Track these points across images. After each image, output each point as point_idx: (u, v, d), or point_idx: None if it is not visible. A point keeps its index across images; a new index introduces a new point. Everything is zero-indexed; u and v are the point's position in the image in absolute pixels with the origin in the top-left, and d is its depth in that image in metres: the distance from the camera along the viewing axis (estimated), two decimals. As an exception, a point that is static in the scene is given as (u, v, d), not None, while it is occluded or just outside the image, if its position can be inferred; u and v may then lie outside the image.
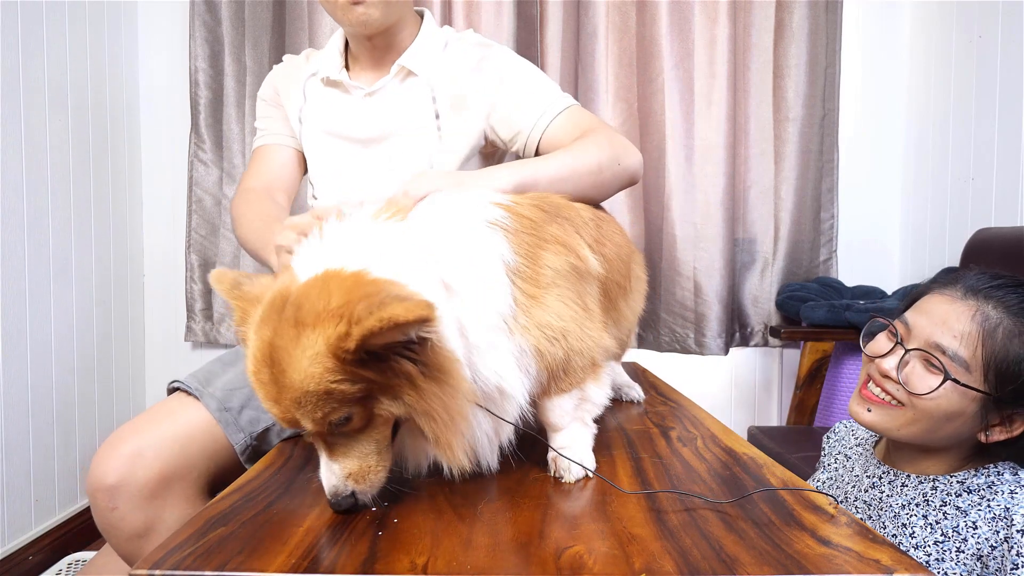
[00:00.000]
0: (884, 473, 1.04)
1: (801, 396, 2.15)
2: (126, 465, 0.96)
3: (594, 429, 0.92)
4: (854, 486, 1.09)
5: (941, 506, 0.93)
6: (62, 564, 2.08)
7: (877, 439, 1.12)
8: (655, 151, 2.42)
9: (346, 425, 0.72)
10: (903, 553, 0.63)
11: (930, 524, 0.93)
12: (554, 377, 0.83)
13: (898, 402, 0.96)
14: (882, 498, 1.02)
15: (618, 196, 2.42)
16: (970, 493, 0.92)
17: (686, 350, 2.43)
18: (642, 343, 2.50)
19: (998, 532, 0.87)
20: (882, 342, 1.00)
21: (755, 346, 2.48)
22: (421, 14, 1.38)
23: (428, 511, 0.74)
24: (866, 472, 1.08)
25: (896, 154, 2.52)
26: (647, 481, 0.83)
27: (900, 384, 0.94)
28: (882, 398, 0.97)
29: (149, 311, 2.60)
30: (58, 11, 2.11)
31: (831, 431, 1.24)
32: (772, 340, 2.44)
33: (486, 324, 0.76)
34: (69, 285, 2.18)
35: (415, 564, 0.62)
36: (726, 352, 2.42)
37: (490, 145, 1.33)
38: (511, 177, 1.03)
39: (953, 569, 0.89)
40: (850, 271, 2.47)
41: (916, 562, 0.61)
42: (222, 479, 1.04)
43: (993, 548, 0.87)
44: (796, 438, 1.91)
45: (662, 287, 2.45)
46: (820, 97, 2.41)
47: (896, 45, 2.50)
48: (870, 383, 1.00)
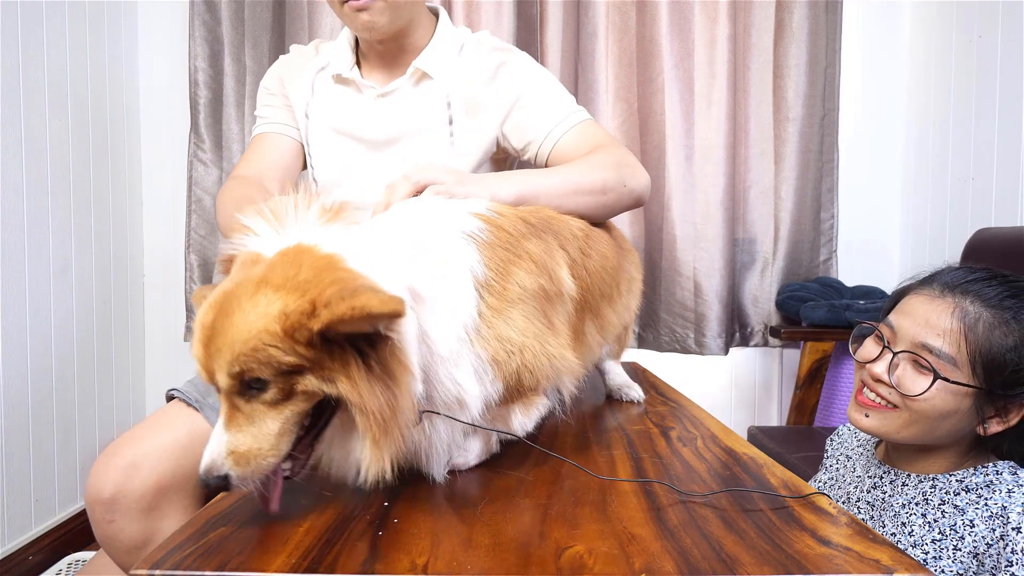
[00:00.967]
0: (885, 473, 1.04)
1: (801, 396, 2.15)
2: (122, 477, 0.95)
3: (495, 450, 0.91)
4: (856, 487, 1.09)
5: (940, 505, 0.94)
6: (62, 564, 2.08)
7: (878, 440, 1.12)
8: (655, 151, 2.42)
9: (259, 394, 0.69)
10: (903, 553, 0.63)
11: (928, 523, 0.93)
12: (507, 383, 0.84)
13: (893, 405, 0.96)
14: (884, 498, 1.02)
15: (618, 196, 2.42)
16: (968, 492, 0.93)
17: (686, 350, 2.43)
18: (642, 343, 2.50)
19: (994, 530, 0.88)
20: (870, 347, 1.01)
21: (755, 346, 2.48)
22: (436, 12, 1.35)
23: (428, 511, 0.74)
24: (867, 473, 1.08)
25: (896, 154, 2.52)
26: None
27: (893, 387, 0.95)
28: (877, 402, 0.98)
29: (149, 311, 2.60)
30: (58, 11, 2.11)
31: (835, 434, 1.25)
32: (772, 340, 2.44)
33: (450, 334, 0.76)
34: (69, 285, 2.18)
35: (415, 564, 0.61)
36: (726, 352, 2.42)
37: (502, 151, 1.32)
38: (513, 188, 1.03)
39: (950, 567, 0.89)
40: (850, 271, 2.47)
41: (916, 562, 0.61)
42: (219, 490, 1.03)
43: (989, 546, 0.88)
44: (796, 438, 1.91)
45: (662, 287, 2.45)
46: (820, 97, 2.42)
47: (896, 45, 2.50)
48: (865, 389, 1.00)
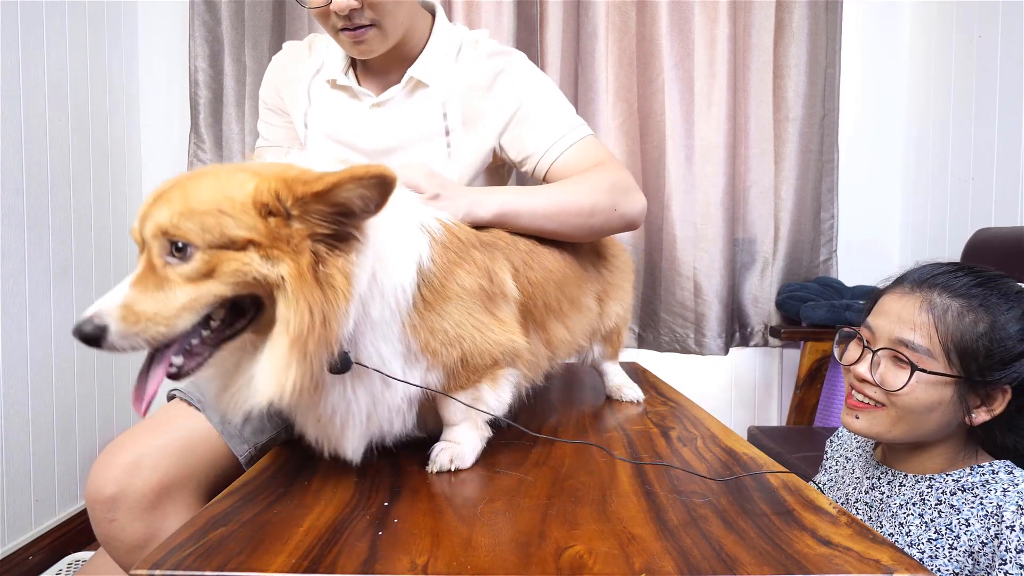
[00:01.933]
0: (883, 474, 1.05)
1: (801, 396, 2.15)
2: (124, 476, 0.94)
3: (486, 433, 0.94)
4: (855, 488, 1.09)
5: (936, 504, 0.95)
6: (62, 564, 2.08)
7: (876, 441, 1.12)
8: (655, 151, 2.42)
9: (180, 263, 0.67)
10: (903, 553, 0.63)
11: (925, 522, 0.94)
12: (452, 375, 0.87)
13: (880, 404, 0.98)
14: (883, 499, 1.02)
15: (618, 196, 2.42)
16: (965, 491, 0.94)
17: (686, 350, 2.43)
18: (642, 343, 2.50)
19: (989, 529, 0.89)
20: (853, 350, 1.04)
21: (755, 346, 2.48)
22: (432, 10, 1.31)
23: (428, 511, 0.74)
24: (866, 474, 1.08)
25: (896, 154, 2.52)
26: (647, 480, 0.83)
27: (877, 385, 0.98)
28: (865, 403, 1.00)
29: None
30: (58, 11, 2.11)
31: (834, 435, 1.25)
32: (772, 340, 2.44)
33: (386, 302, 0.79)
34: (69, 285, 2.18)
35: (415, 564, 0.62)
36: (726, 352, 2.42)
37: (498, 159, 1.30)
38: (494, 204, 1.02)
39: (946, 566, 0.90)
40: (850, 271, 2.47)
41: (916, 562, 0.61)
42: (222, 488, 1.02)
43: (984, 544, 0.88)
44: (796, 438, 1.91)
45: (662, 287, 2.45)
46: (820, 97, 2.42)
47: (896, 45, 2.50)
48: (853, 391, 1.03)
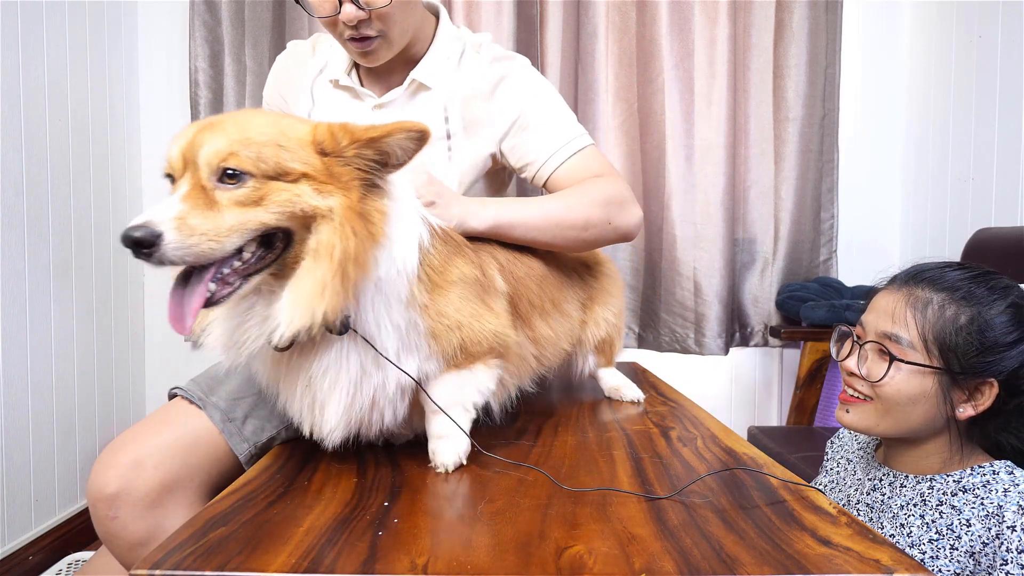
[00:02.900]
0: (884, 475, 1.05)
1: (801, 396, 2.15)
2: (126, 474, 0.95)
3: (473, 415, 0.95)
4: (856, 489, 1.09)
5: (937, 505, 0.95)
6: (62, 564, 2.08)
7: (878, 442, 1.13)
8: (655, 151, 2.42)
9: (232, 189, 0.70)
10: (903, 553, 0.63)
11: (926, 523, 0.94)
12: (448, 359, 0.89)
13: (867, 397, 1.01)
14: (884, 500, 1.02)
15: (618, 196, 2.42)
16: (965, 492, 0.94)
17: (686, 350, 2.43)
18: (642, 343, 2.50)
19: (990, 529, 0.89)
20: (847, 347, 1.06)
21: (755, 346, 2.48)
22: (436, 12, 1.31)
23: (428, 511, 0.74)
24: (867, 475, 1.09)
25: (896, 154, 2.52)
26: (647, 481, 0.83)
27: (864, 379, 1.00)
28: (855, 397, 1.03)
29: (149, 311, 2.60)
30: (58, 11, 2.11)
31: (835, 436, 1.26)
32: (772, 340, 2.44)
33: (394, 264, 0.81)
34: (69, 285, 2.18)
35: (415, 564, 0.62)
36: (726, 352, 2.42)
37: (498, 164, 1.30)
38: (489, 216, 1.04)
39: (947, 566, 0.90)
40: (850, 271, 2.47)
41: (916, 562, 0.61)
42: (224, 487, 1.03)
43: (985, 545, 0.88)
44: (796, 438, 1.91)
45: (662, 287, 2.45)
46: (820, 97, 2.42)
47: (896, 45, 2.50)
48: (846, 387, 1.05)
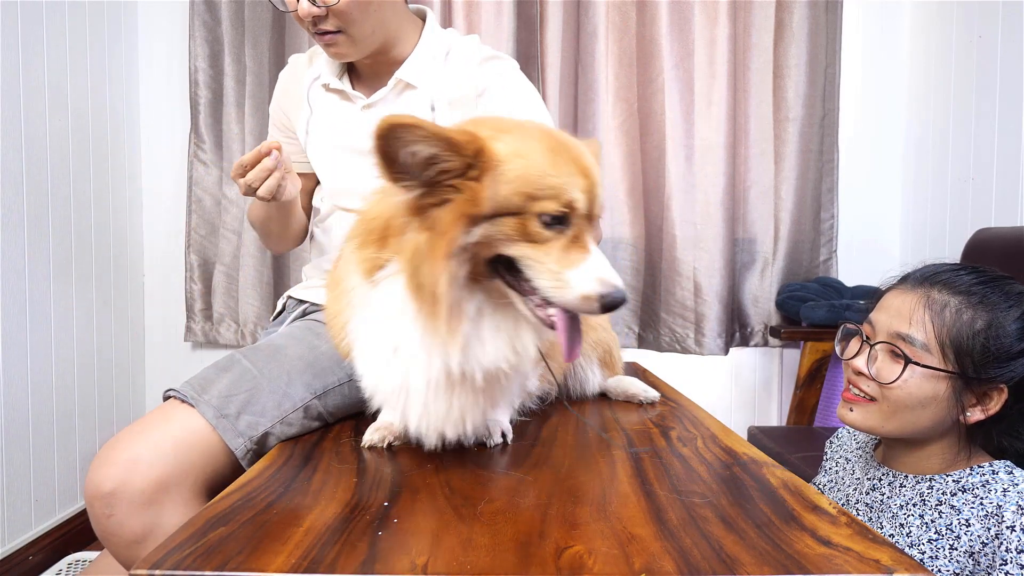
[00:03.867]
0: (884, 475, 1.05)
1: (801, 396, 2.15)
2: (122, 472, 0.95)
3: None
4: (855, 489, 1.09)
5: (937, 505, 0.95)
6: (62, 564, 2.08)
7: (877, 442, 1.13)
8: (655, 151, 2.42)
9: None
10: (903, 553, 0.63)
11: (926, 523, 0.94)
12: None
13: (873, 398, 0.99)
14: (883, 500, 1.02)
15: (618, 196, 2.42)
16: (965, 492, 0.93)
17: (686, 350, 2.43)
18: (642, 343, 2.50)
19: (989, 529, 0.88)
20: (854, 345, 1.05)
21: (755, 346, 2.48)
22: (423, 15, 1.35)
23: (428, 511, 0.74)
24: (867, 475, 1.08)
25: (896, 154, 2.52)
26: (647, 481, 0.83)
27: (872, 379, 0.99)
28: (860, 396, 1.01)
29: (149, 311, 2.60)
30: (58, 11, 2.11)
31: (834, 436, 1.25)
32: (772, 340, 2.44)
33: None
34: (69, 285, 2.18)
35: (415, 564, 0.61)
36: (726, 352, 2.42)
37: None
38: None
39: (946, 566, 0.90)
40: (850, 271, 2.47)
41: (916, 562, 0.61)
42: (221, 484, 1.03)
43: (984, 545, 0.88)
44: (796, 438, 1.91)
45: (662, 287, 2.45)
46: (820, 97, 2.42)
47: (896, 45, 2.50)
48: (850, 386, 1.04)
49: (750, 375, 2.58)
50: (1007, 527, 0.87)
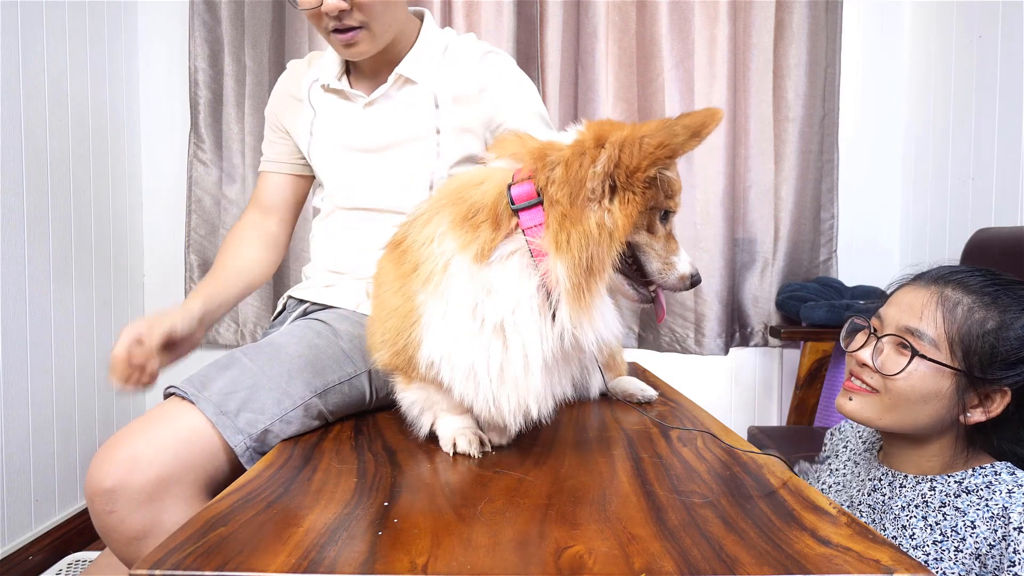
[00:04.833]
0: (883, 475, 1.05)
1: (801, 396, 2.15)
2: (123, 469, 0.96)
3: None
4: (859, 490, 1.09)
5: (940, 507, 0.94)
6: (62, 564, 2.08)
7: (880, 444, 1.12)
8: (655, 151, 2.41)
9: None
10: (903, 553, 0.63)
11: (929, 525, 0.93)
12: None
13: (874, 389, 0.99)
14: (884, 501, 1.02)
15: (618, 196, 2.42)
16: (969, 493, 0.93)
17: (686, 350, 2.43)
18: (642, 343, 2.50)
19: (996, 531, 0.88)
20: (860, 338, 1.05)
21: (755, 346, 2.48)
22: (421, 16, 1.36)
23: (428, 511, 0.74)
24: (868, 475, 1.08)
25: (896, 154, 2.52)
26: (647, 481, 0.83)
27: (876, 371, 0.99)
28: (861, 387, 1.01)
29: (149, 311, 2.60)
30: (58, 11, 2.11)
31: (835, 429, 1.25)
32: (772, 340, 2.44)
33: None
34: (69, 285, 2.18)
35: (415, 564, 0.61)
36: (726, 352, 2.42)
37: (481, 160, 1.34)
38: None
39: (952, 568, 0.89)
40: (850, 271, 2.47)
41: (916, 562, 0.61)
42: (221, 481, 1.03)
43: (991, 547, 0.88)
44: (796, 438, 1.91)
45: (662, 287, 2.44)
46: (820, 97, 2.42)
47: (896, 45, 2.50)
48: (852, 377, 1.04)
49: (750, 375, 2.58)
50: (1014, 528, 0.87)
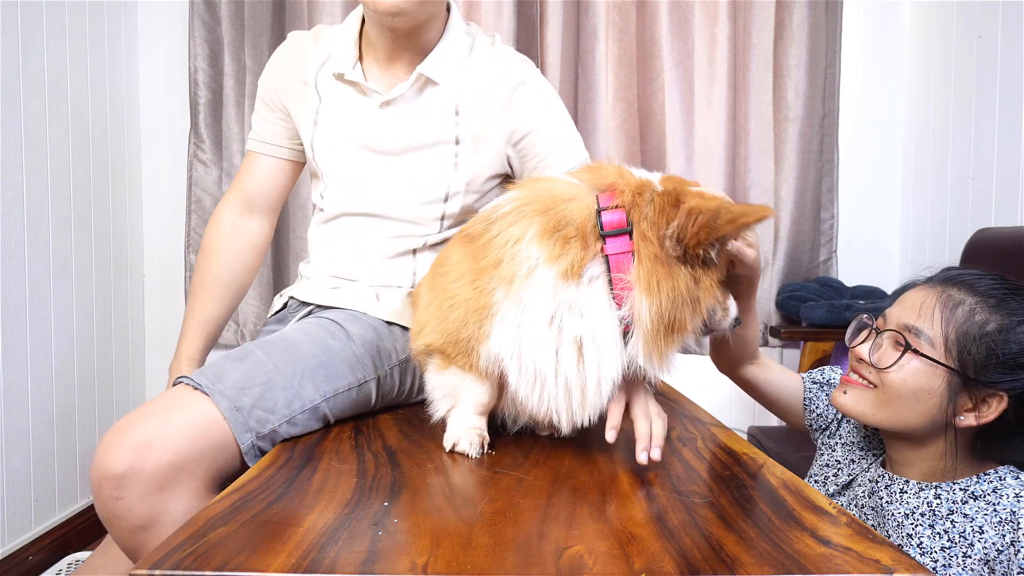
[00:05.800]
0: (880, 477, 1.04)
1: (801, 396, 2.14)
2: (135, 454, 0.92)
3: None
4: (863, 491, 1.08)
5: (948, 515, 0.93)
6: (62, 564, 2.08)
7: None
8: (655, 151, 2.42)
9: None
10: (903, 553, 0.63)
11: (937, 533, 0.93)
12: None
13: (872, 384, 1.00)
14: (882, 504, 1.02)
15: (618, 196, 2.42)
16: (976, 499, 0.92)
17: (686, 350, 2.42)
18: (642, 343, 2.50)
19: (1004, 536, 0.87)
20: (863, 336, 1.06)
21: (755, 346, 2.48)
22: (448, 7, 1.28)
23: (428, 511, 0.74)
24: (868, 476, 1.08)
25: (896, 154, 2.52)
26: (647, 481, 0.83)
27: (873, 366, 0.99)
28: (860, 381, 1.02)
29: (149, 311, 2.60)
30: (58, 11, 2.11)
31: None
32: (772, 340, 2.43)
33: None
34: (69, 285, 2.18)
35: (415, 564, 0.62)
36: (726, 352, 2.42)
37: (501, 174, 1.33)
38: None
39: (960, 574, 0.89)
40: (850, 271, 2.47)
41: (916, 562, 0.61)
42: (228, 477, 1.01)
43: (1000, 552, 0.87)
44: (796, 438, 1.91)
45: (662, 287, 2.44)
46: (820, 97, 2.42)
47: (896, 45, 2.50)
48: (851, 372, 1.05)
49: (750, 375, 2.57)
50: (1023, 533, 0.86)
